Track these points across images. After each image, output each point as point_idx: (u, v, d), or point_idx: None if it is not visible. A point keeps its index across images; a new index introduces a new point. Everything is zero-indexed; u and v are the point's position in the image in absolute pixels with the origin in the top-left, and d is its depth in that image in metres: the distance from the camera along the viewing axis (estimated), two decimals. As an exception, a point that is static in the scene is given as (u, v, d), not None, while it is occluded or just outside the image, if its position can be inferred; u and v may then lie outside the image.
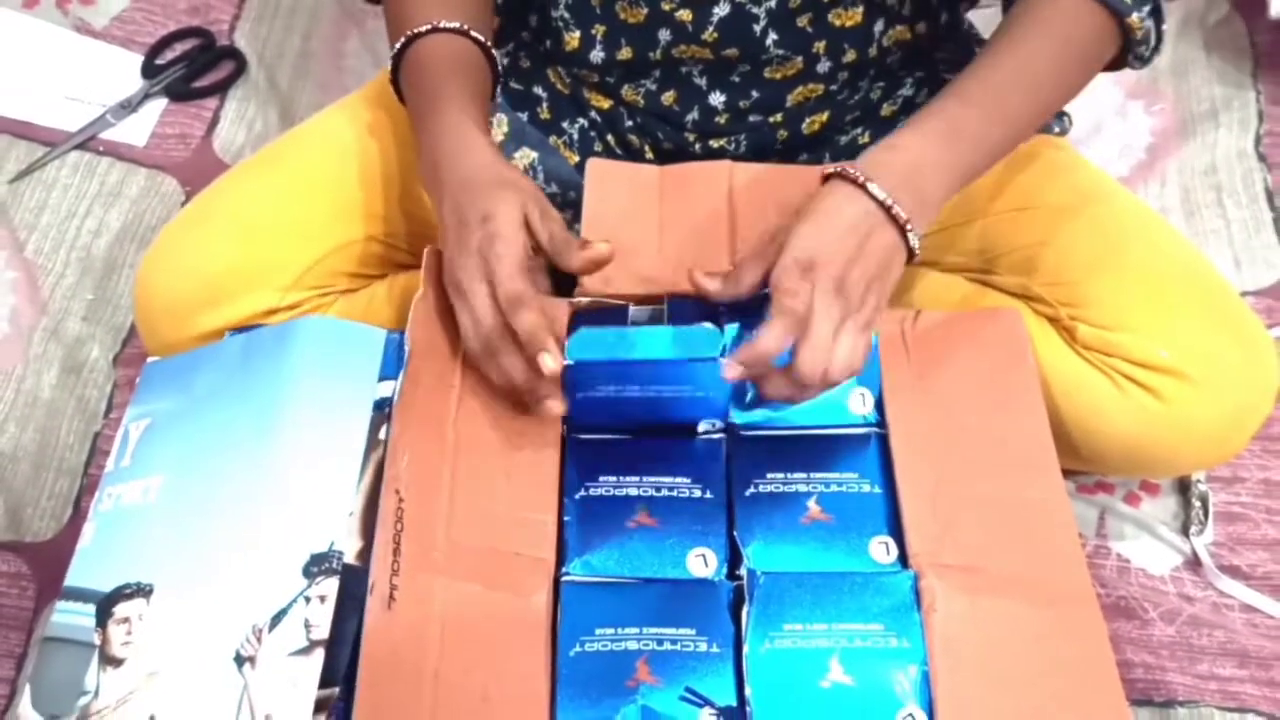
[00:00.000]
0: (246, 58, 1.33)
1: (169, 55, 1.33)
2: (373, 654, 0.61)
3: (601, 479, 0.73)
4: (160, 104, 1.29)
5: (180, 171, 1.23)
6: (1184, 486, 0.98)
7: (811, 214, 0.71)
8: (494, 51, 0.83)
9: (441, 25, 0.80)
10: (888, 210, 0.70)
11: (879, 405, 0.75)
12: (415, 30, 0.80)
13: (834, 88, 0.88)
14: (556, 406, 0.71)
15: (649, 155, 0.94)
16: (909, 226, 0.70)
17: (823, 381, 0.69)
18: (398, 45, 0.81)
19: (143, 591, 0.68)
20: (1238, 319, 0.83)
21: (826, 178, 0.73)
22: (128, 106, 1.27)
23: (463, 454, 0.71)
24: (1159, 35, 0.78)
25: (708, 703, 0.65)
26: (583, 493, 0.72)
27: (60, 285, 1.13)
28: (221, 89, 1.31)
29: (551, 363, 0.67)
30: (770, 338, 0.68)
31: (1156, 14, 0.77)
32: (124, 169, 1.23)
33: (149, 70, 1.30)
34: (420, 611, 0.65)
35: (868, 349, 0.71)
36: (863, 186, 0.70)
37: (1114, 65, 0.80)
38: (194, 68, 1.31)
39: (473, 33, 0.81)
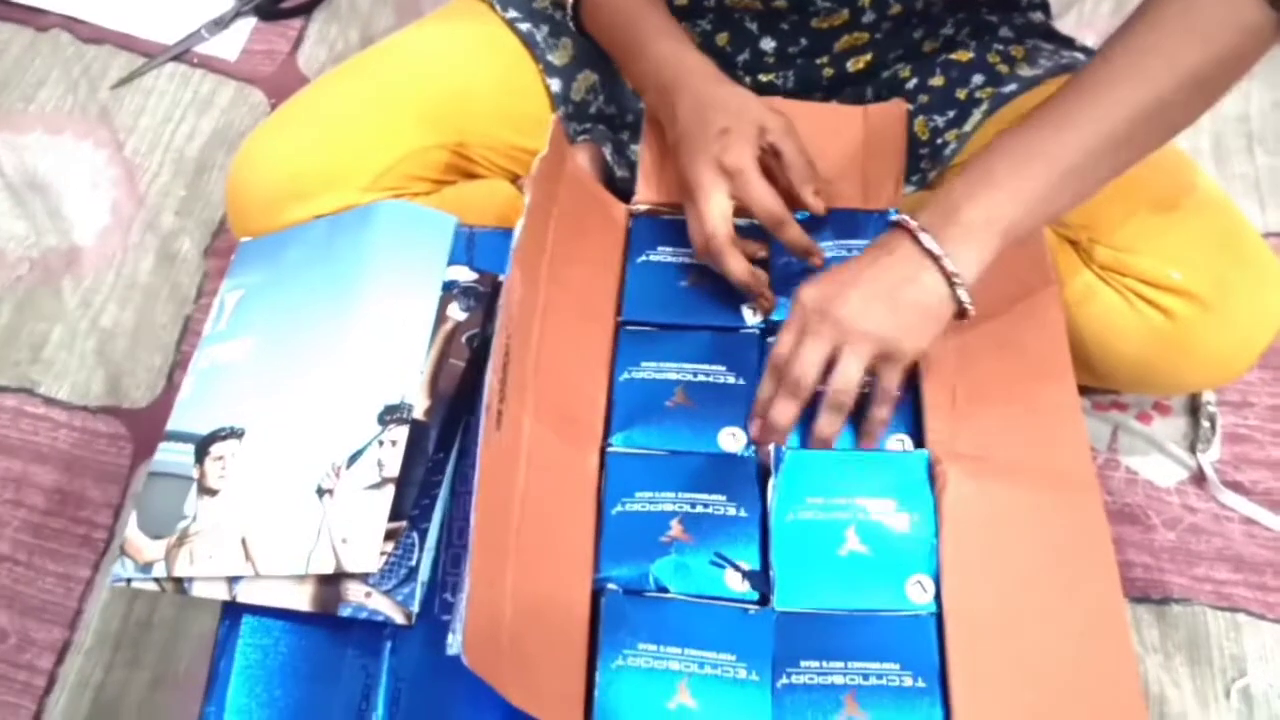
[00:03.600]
0: (331, -18, 1.41)
1: (259, -23, 1.41)
2: (487, 465, 0.64)
3: (644, 364, 0.79)
4: (250, 23, 1.38)
5: (266, 84, 1.31)
6: (1194, 407, 1.03)
7: (856, 259, 0.73)
8: None
9: None
10: (935, 260, 0.70)
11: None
12: None
13: (879, 35, 0.92)
14: (768, 304, 0.79)
15: None
16: (956, 280, 0.70)
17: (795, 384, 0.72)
18: None
19: (235, 434, 0.76)
20: (1249, 249, 0.87)
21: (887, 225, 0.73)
22: (220, 24, 1.35)
23: (551, 312, 0.77)
24: None
25: (734, 565, 0.70)
26: (627, 375, 0.79)
27: (156, 183, 1.22)
28: (306, 10, 1.39)
29: (819, 259, 0.78)
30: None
31: None
32: (215, 80, 1.31)
33: (241, -10, 1.39)
34: (515, 439, 0.70)
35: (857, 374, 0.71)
36: (914, 236, 0.70)
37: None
38: (282, -11, 1.39)
39: None
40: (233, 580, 0.70)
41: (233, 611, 0.72)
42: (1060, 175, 0.69)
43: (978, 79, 0.94)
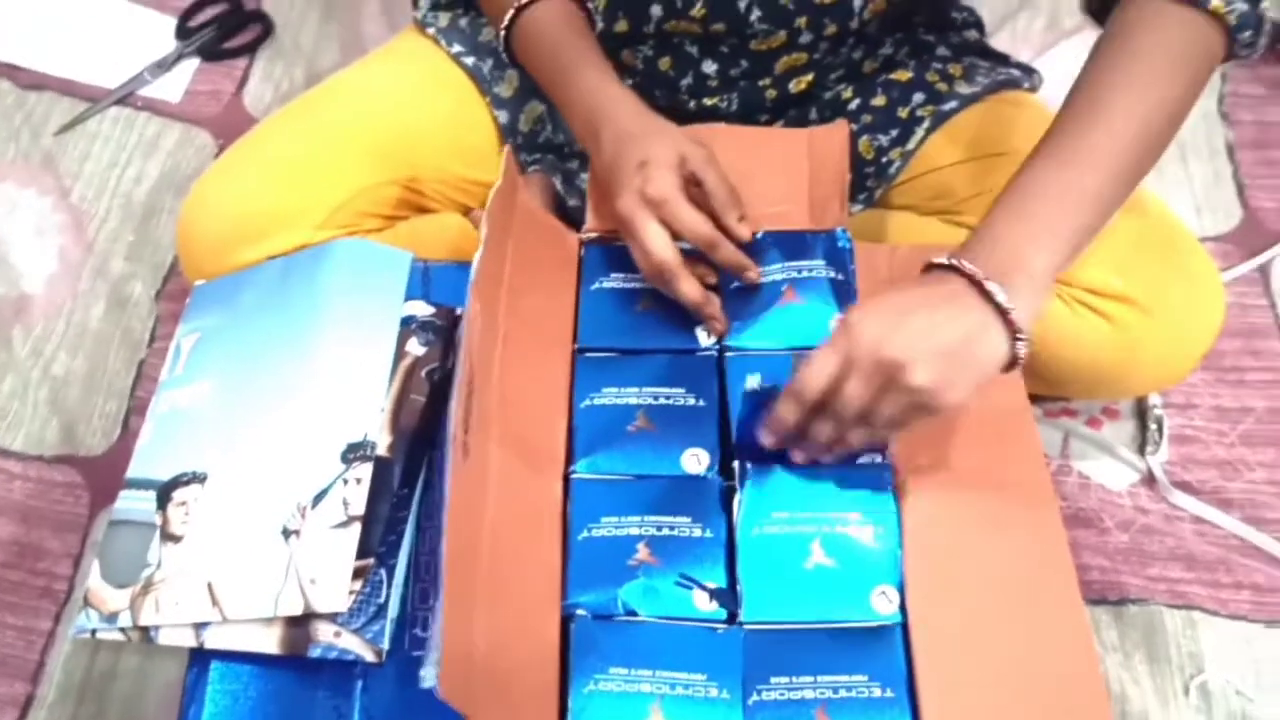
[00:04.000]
0: (274, 21, 1.41)
1: (200, 19, 1.40)
2: (456, 495, 0.64)
3: (604, 390, 0.80)
4: (193, 64, 1.37)
5: (213, 125, 1.31)
6: (1142, 411, 1.05)
7: (907, 294, 0.69)
8: (589, 6, 0.88)
9: None
10: (1003, 315, 0.66)
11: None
12: (522, 1, 0.85)
13: (817, 55, 0.94)
14: (721, 326, 0.80)
15: None
16: (1020, 336, 0.67)
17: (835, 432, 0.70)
18: (508, 16, 0.86)
19: (198, 479, 0.76)
20: (1188, 255, 0.89)
21: (934, 266, 0.70)
22: (163, 65, 1.35)
23: (510, 342, 0.77)
24: (1259, 18, 0.73)
25: (701, 586, 0.71)
26: (588, 402, 0.79)
27: (104, 228, 1.21)
28: (250, 50, 1.39)
29: (756, 275, 0.80)
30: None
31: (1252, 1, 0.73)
32: (161, 123, 1.31)
33: (182, 32, 1.38)
34: (482, 469, 0.70)
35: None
36: (979, 285, 0.67)
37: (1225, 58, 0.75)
38: (224, 30, 1.39)
39: None
40: (200, 626, 0.70)
41: (200, 658, 0.71)
42: (1096, 213, 0.70)
43: (918, 97, 0.96)
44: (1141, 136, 0.71)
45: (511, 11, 0.86)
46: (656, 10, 0.90)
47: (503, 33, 0.87)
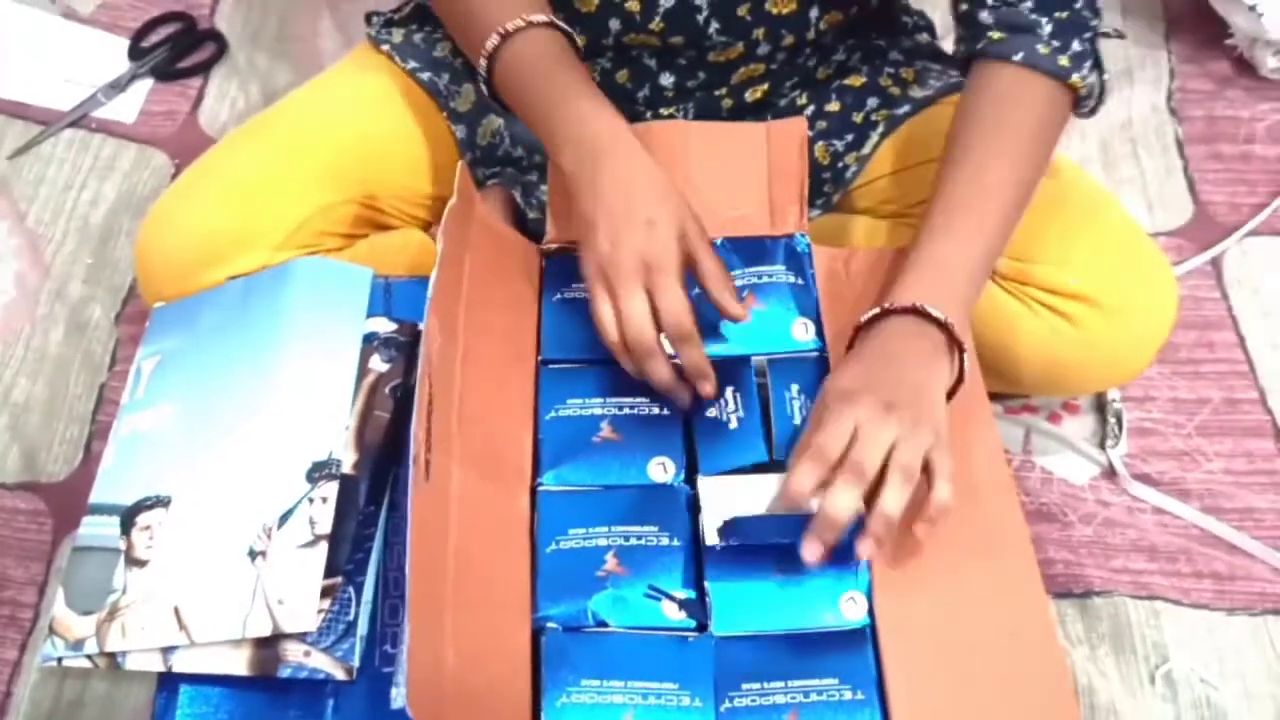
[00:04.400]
0: (227, 40, 1.40)
1: (153, 38, 1.39)
2: (418, 516, 0.64)
3: (569, 401, 0.80)
4: (147, 84, 1.36)
5: (168, 146, 1.30)
6: (1101, 405, 1.07)
7: (855, 354, 0.77)
8: (576, 39, 0.86)
9: (533, 20, 0.82)
10: (947, 332, 0.75)
11: (819, 333, 0.83)
12: (507, 29, 0.82)
13: (774, 66, 0.95)
14: (687, 400, 0.78)
15: None
16: (965, 361, 0.76)
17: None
18: (492, 42, 0.82)
19: (162, 502, 0.75)
20: (1141, 250, 0.91)
21: (875, 319, 0.77)
22: (117, 87, 1.34)
23: (471, 358, 0.77)
24: (1102, 86, 0.85)
25: (669, 596, 0.72)
26: (553, 414, 0.80)
27: (61, 251, 1.20)
28: (204, 69, 1.38)
29: (712, 390, 0.77)
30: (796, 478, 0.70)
31: (1097, 67, 0.84)
32: (116, 144, 1.30)
33: (135, 53, 1.38)
34: (444, 489, 0.70)
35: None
36: (920, 311, 0.75)
37: None
38: (177, 50, 1.38)
39: (560, 24, 0.84)
40: (167, 650, 0.70)
41: (169, 682, 0.71)
42: (987, 268, 0.81)
43: (872, 102, 0.98)
44: (1019, 200, 0.82)
45: (497, 36, 0.82)
46: (615, 24, 0.90)
47: (484, 61, 0.84)
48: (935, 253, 0.79)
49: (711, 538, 0.73)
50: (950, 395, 0.76)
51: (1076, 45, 0.82)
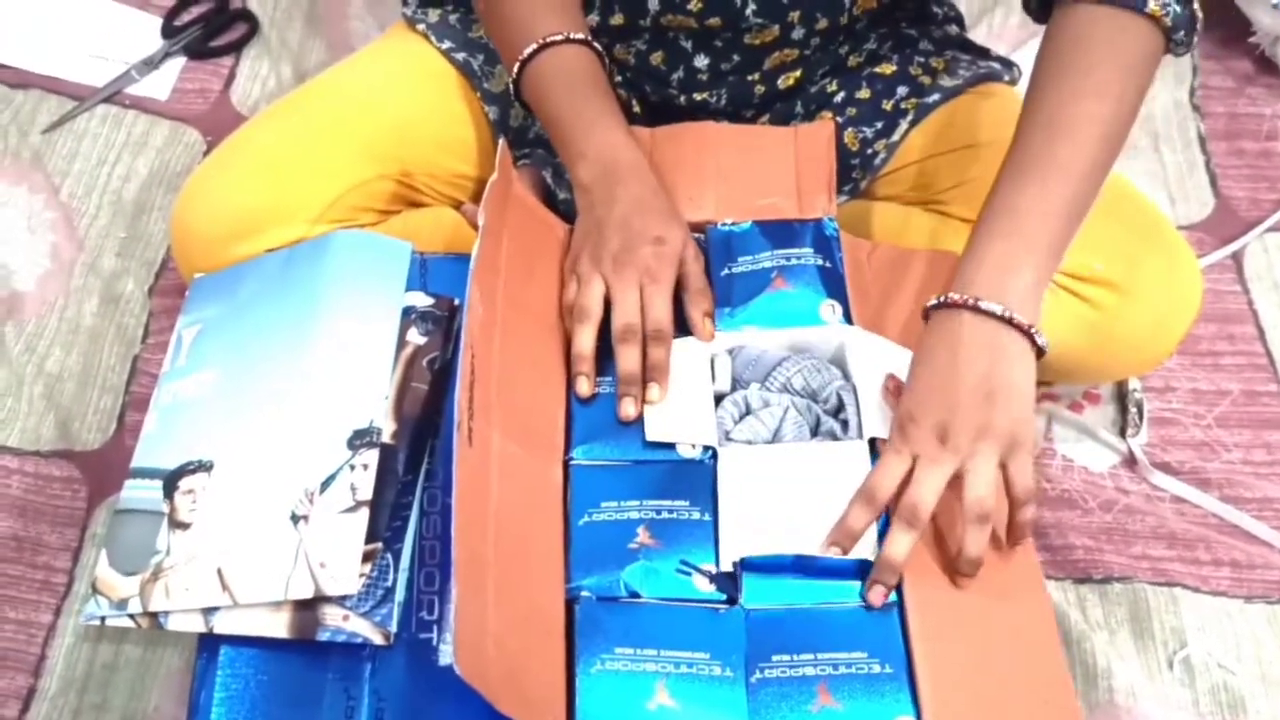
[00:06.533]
0: (259, 19, 1.41)
1: (186, 17, 1.41)
2: (463, 480, 0.66)
3: (601, 379, 0.81)
4: (180, 62, 1.37)
5: (201, 123, 1.31)
6: (1122, 395, 1.08)
7: (916, 365, 0.74)
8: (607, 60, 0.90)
9: (572, 37, 0.86)
10: (1008, 322, 0.71)
11: (847, 314, 0.84)
12: (547, 39, 0.86)
13: (807, 52, 0.96)
14: (585, 390, 0.81)
15: (635, 109, 1.01)
16: (1033, 329, 0.72)
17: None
18: (528, 51, 0.86)
19: (204, 467, 0.77)
20: (1166, 238, 0.92)
21: (932, 309, 0.74)
22: (150, 64, 1.35)
23: (507, 331, 0.79)
24: (1192, 15, 0.78)
25: (700, 571, 0.73)
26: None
27: (95, 225, 1.22)
28: (236, 48, 1.39)
29: (657, 396, 0.80)
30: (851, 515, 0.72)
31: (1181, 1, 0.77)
32: (149, 121, 1.31)
33: (168, 31, 1.39)
34: (485, 455, 0.72)
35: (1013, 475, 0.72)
36: (974, 308, 0.72)
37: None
38: (210, 29, 1.39)
39: (595, 45, 0.88)
40: (208, 612, 0.71)
41: (209, 644, 0.72)
42: (1068, 221, 0.75)
43: (902, 90, 0.98)
44: (1102, 143, 0.75)
45: (535, 46, 0.86)
46: (654, 4, 0.91)
47: (517, 66, 0.87)
48: (1008, 205, 0.74)
49: (727, 565, 0.74)
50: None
51: None
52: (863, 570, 0.72)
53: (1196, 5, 0.78)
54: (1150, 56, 0.78)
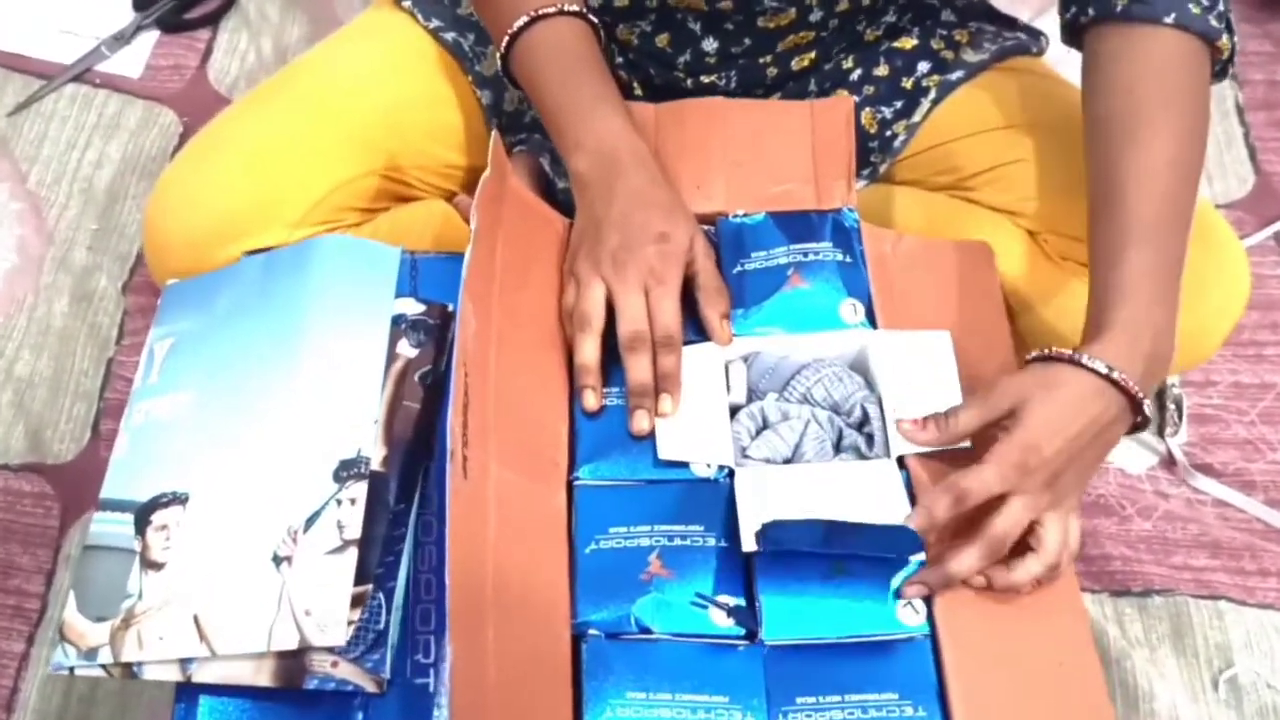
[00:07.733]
0: (237, -11, 1.34)
1: (159, -13, 1.34)
2: (457, 518, 0.62)
3: (607, 389, 0.76)
4: (153, 36, 1.31)
5: (176, 103, 1.25)
6: (1159, 391, 1.03)
7: (1045, 401, 0.71)
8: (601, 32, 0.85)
9: (566, 9, 0.81)
10: (1131, 399, 0.70)
11: (870, 314, 0.79)
12: (539, 10, 0.81)
13: (824, 34, 0.90)
14: (592, 403, 0.76)
15: (638, 91, 0.96)
16: (1141, 396, 0.70)
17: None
18: (519, 24, 0.81)
19: (179, 500, 0.71)
20: (1209, 228, 0.86)
21: (1050, 358, 0.72)
22: (121, 39, 1.29)
23: (505, 343, 0.74)
24: (1233, 48, 0.78)
25: (716, 604, 0.68)
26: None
27: (64, 216, 1.16)
28: (213, 20, 1.33)
29: (670, 408, 0.75)
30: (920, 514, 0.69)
31: (1230, 29, 0.77)
32: (121, 101, 1.25)
33: (140, 3, 1.32)
34: (482, 488, 0.67)
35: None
36: (1114, 381, 0.70)
37: None
38: (185, 0, 1.32)
39: (590, 17, 0.83)
40: (186, 661, 0.66)
41: (188, 692, 0.67)
42: (1177, 269, 0.74)
43: (923, 66, 0.93)
44: (1189, 180, 0.75)
45: (526, 18, 0.81)
46: None
47: (506, 39, 0.82)
48: (1132, 277, 0.72)
49: (749, 544, 0.69)
50: None
51: (1221, 4, 0.76)
52: (894, 539, 0.68)
53: (1235, 37, 0.78)
54: (1207, 79, 0.78)
